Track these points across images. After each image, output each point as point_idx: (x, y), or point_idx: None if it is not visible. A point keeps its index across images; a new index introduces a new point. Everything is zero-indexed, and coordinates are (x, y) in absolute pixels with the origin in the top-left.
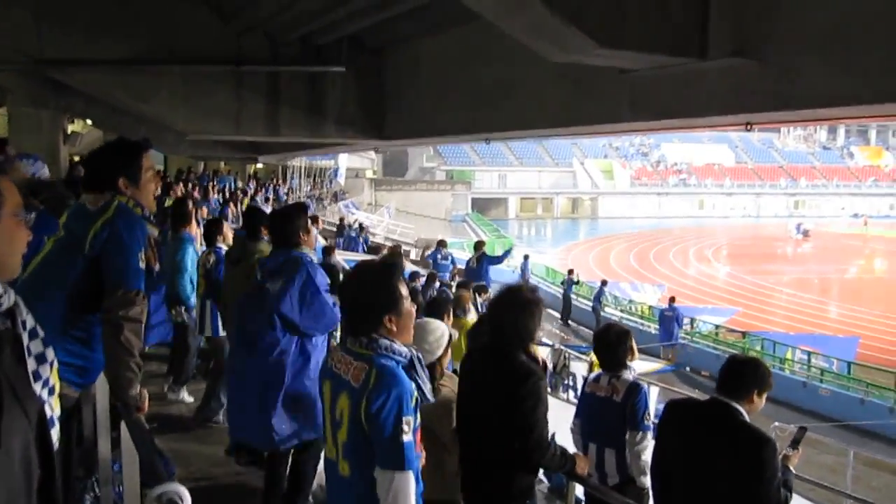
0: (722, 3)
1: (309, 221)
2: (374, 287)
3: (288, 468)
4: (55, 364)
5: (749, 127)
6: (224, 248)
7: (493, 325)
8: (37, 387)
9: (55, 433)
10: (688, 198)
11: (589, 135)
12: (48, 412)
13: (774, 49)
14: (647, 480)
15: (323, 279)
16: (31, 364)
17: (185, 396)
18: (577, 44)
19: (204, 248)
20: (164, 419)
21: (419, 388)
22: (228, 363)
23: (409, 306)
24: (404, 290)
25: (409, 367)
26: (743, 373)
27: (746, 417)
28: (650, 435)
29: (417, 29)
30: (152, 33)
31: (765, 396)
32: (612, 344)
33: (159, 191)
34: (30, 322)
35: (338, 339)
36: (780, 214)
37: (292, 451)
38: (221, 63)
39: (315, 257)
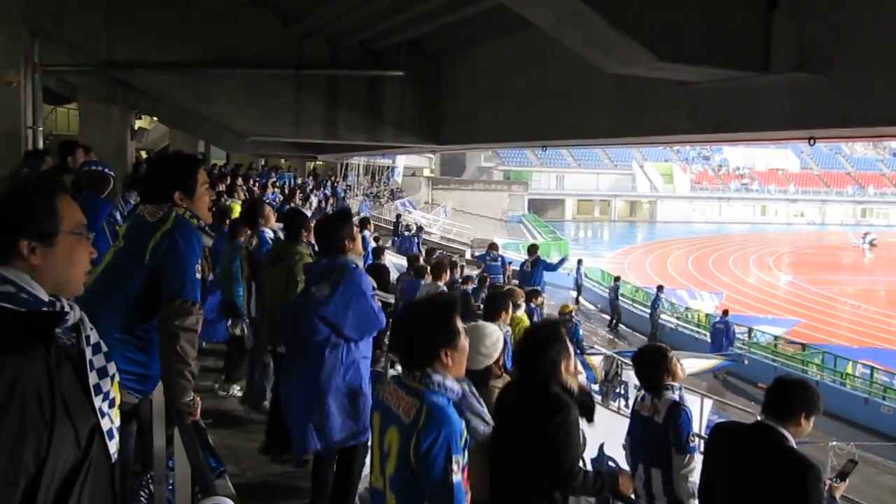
0: (785, 18)
1: (354, 229)
2: (432, 322)
3: (335, 470)
4: (116, 377)
5: (812, 141)
6: (267, 230)
7: (520, 363)
8: (97, 400)
9: (114, 444)
10: (750, 203)
11: (646, 145)
12: (108, 424)
13: (841, 65)
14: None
15: (368, 284)
16: (92, 378)
17: (236, 392)
18: (635, 57)
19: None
20: (217, 414)
21: (475, 417)
22: (281, 373)
23: (464, 341)
24: (461, 326)
25: (461, 403)
26: (791, 395)
27: (792, 442)
28: (697, 456)
29: (476, 35)
30: (216, 37)
31: (812, 420)
32: (645, 367)
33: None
34: (94, 337)
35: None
36: (846, 222)
37: (340, 453)
38: (282, 66)
39: (360, 263)
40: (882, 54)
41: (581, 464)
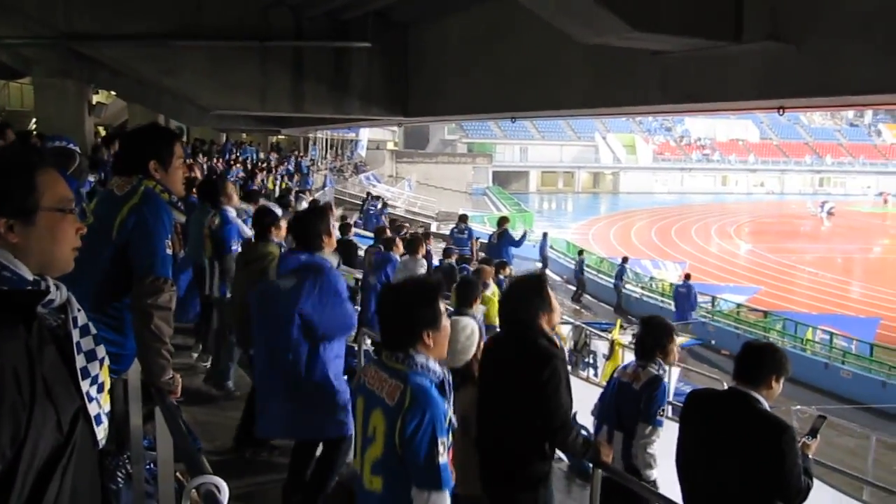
0: None
1: (331, 224)
2: (415, 303)
3: (316, 459)
4: (106, 361)
5: (781, 111)
6: (230, 209)
7: (505, 314)
8: (85, 384)
9: (102, 430)
10: (711, 174)
11: (617, 115)
12: (95, 409)
13: (813, 33)
14: (651, 474)
15: (343, 285)
16: (80, 361)
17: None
18: (609, 26)
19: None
20: (190, 392)
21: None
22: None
23: (446, 322)
24: (443, 307)
25: (440, 387)
26: (760, 360)
27: (766, 405)
28: (660, 431)
29: (445, 5)
30: (179, 8)
31: (783, 381)
32: (647, 336)
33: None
34: (81, 319)
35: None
36: (804, 192)
37: (324, 444)
38: (247, 38)
39: (336, 261)
40: (854, 23)
41: None
